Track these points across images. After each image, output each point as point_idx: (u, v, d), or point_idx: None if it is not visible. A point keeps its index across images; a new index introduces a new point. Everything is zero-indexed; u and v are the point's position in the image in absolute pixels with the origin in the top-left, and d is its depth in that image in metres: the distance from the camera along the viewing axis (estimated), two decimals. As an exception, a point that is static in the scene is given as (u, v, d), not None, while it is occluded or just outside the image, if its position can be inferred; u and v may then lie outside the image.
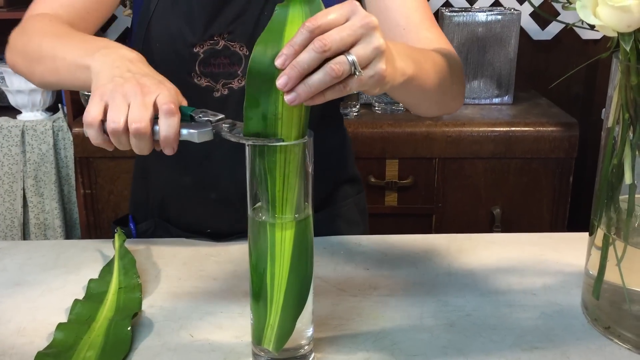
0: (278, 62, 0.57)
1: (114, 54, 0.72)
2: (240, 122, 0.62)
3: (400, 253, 0.91)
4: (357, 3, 0.59)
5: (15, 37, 0.88)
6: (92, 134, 0.66)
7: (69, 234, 1.95)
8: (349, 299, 0.79)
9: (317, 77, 0.57)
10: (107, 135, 0.65)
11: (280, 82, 0.57)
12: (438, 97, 0.82)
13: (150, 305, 0.78)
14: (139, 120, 0.64)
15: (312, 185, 0.63)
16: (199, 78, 0.91)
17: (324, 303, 0.77)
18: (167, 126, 0.64)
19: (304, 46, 0.56)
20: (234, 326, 0.73)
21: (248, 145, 0.61)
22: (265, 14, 0.90)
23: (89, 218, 1.86)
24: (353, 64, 0.57)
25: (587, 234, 0.75)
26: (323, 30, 0.56)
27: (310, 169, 0.62)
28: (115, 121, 0.64)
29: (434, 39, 0.88)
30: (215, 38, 0.90)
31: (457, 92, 0.87)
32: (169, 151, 0.65)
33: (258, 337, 0.65)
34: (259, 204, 0.63)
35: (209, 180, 0.97)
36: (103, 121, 0.65)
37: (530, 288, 0.81)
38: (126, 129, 0.64)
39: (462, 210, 1.81)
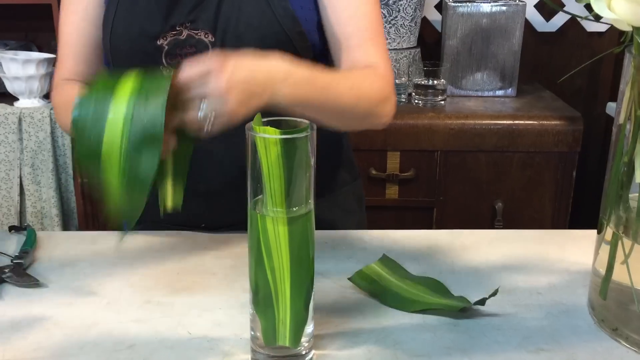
0: None
1: None
2: None
3: (402, 249, 0.89)
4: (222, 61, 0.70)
5: (59, 106, 0.96)
6: None
7: (66, 223, 1.93)
8: (351, 296, 0.77)
9: None
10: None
11: None
12: (342, 118, 0.86)
13: (147, 300, 0.76)
14: None
15: (314, 178, 0.62)
16: (167, 71, 0.91)
17: (326, 300, 0.76)
18: None
19: None
20: (232, 323, 0.71)
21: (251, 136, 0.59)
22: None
23: (87, 207, 1.84)
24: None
25: (592, 231, 0.74)
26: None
27: (312, 162, 0.61)
28: None
29: (366, 58, 0.90)
30: (177, 28, 0.91)
31: (367, 113, 0.88)
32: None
33: (271, 337, 0.64)
34: (259, 196, 0.61)
35: (194, 172, 0.96)
36: None
37: (535, 287, 0.79)
38: None
39: (464, 203, 1.79)
